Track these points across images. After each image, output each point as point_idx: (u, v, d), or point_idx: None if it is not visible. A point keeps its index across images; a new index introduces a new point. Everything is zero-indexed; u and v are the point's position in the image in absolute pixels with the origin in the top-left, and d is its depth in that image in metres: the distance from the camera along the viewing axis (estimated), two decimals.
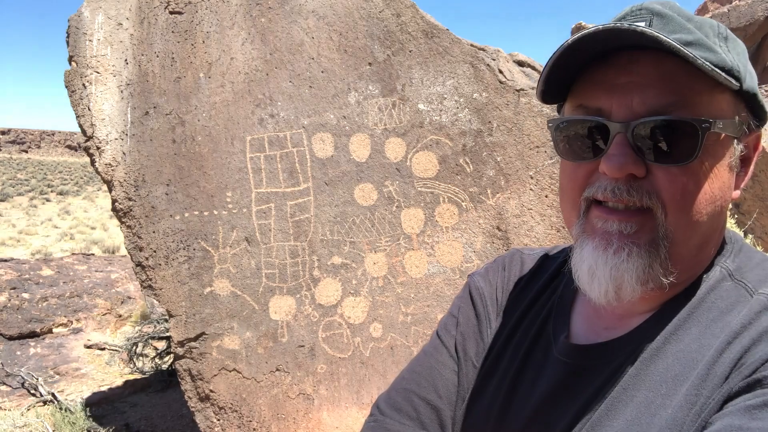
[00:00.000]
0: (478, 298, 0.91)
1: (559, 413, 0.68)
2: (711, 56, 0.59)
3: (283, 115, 3.06)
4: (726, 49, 0.62)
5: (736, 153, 0.65)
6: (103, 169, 3.00)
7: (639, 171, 0.63)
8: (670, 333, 0.64)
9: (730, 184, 0.66)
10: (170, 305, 2.98)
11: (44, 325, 6.32)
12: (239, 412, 2.97)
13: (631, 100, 0.62)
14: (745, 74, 0.62)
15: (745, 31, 6.20)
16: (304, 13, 3.09)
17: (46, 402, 4.75)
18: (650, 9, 0.63)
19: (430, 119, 3.09)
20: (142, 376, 5.57)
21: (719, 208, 0.64)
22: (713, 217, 0.64)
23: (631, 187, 0.63)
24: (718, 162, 0.63)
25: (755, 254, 0.70)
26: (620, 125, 0.62)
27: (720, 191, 0.63)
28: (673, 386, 0.60)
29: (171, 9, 3.08)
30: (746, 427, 0.52)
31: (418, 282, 3.06)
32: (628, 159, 0.62)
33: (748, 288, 0.64)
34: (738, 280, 0.65)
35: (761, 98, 0.64)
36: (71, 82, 3.04)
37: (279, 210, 3.04)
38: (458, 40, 3.13)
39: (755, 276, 0.65)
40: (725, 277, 0.66)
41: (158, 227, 2.98)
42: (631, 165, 0.63)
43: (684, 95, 0.60)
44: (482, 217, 3.08)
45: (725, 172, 0.64)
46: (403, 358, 3.03)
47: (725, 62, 0.60)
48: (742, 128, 0.64)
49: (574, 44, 0.62)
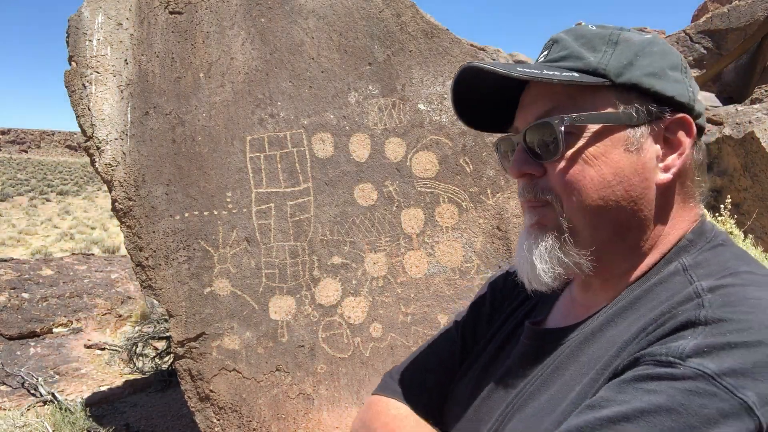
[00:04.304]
0: (498, 290, 0.99)
1: (510, 389, 0.76)
2: (577, 64, 0.70)
3: (283, 115, 3.06)
4: (609, 52, 0.70)
5: (635, 138, 0.68)
6: (103, 169, 3.00)
7: (535, 171, 0.73)
8: (609, 319, 0.68)
9: (637, 167, 0.69)
10: (170, 305, 2.98)
11: (44, 325, 6.32)
12: (239, 412, 2.97)
13: (527, 114, 0.74)
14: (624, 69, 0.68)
15: (745, 31, 6.19)
16: (304, 13, 3.09)
17: (46, 402, 4.75)
18: (554, 38, 0.75)
19: (430, 119, 3.09)
20: (142, 376, 5.57)
21: (622, 191, 0.68)
22: (618, 201, 0.68)
23: (531, 186, 0.74)
24: (601, 149, 0.69)
25: (727, 252, 0.68)
26: (518, 136, 0.75)
27: (615, 175, 0.68)
28: (592, 367, 0.64)
29: (171, 9, 3.08)
30: (612, 399, 0.55)
31: (418, 282, 3.06)
32: (522, 162, 0.73)
33: (692, 281, 0.64)
34: (688, 273, 0.66)
35: (659, 87, 0.68)
36: (71, 82, 3.04)
37: (279, 210, 3.04)
38: (458, 40, 3.13)
39: (706, 271, 0.65)
40: (678, 271, 0.67)
41: (158, 227, 2.98)
42: (526, 167, 0.73)
43: (559, 101, 0.71)
44: (482, 217, 3.08)
45: (620, 158, 0.68)
46: (402, 358, 3.03)
47: (590, 65, 0.69)
48: (632, 115, 0.68)
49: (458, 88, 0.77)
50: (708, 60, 6.45)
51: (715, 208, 2.46)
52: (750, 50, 6.70)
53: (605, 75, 0.69)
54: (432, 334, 3.16)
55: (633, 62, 0.69)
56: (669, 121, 0.69)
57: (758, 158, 2.85)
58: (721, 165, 3.10)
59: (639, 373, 0.56)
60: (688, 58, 6.51)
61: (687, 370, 0.52)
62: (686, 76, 0.72)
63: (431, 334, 3.07)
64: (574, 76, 0.68)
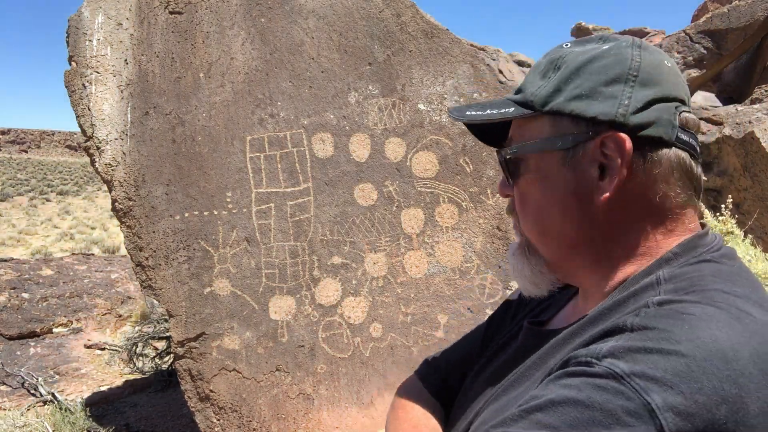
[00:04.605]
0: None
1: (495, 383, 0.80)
2: (518, 97, 0.76)
3: (283, 115, 3.06)
4: (551, 78, 0.73)
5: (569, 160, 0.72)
6: (103, 169, 3.00)
7: (509, 192, 0.81)
8: (580, 327, 0.69)
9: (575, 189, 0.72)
10: (170, 305, 2.98)
11: (44, 325, 6.32)
12: (239, 412, 2.97)
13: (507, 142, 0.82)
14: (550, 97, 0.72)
15: (745, 31, 6.19)
16: (304, 13, 3.09)
17: (46, 402, 4.75)
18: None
19: (430, 119, 3.09)
20: (142, 376, 5.57)
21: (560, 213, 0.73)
22: (560, 222, 0.73)
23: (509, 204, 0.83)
24: (543, 174, 0.74)
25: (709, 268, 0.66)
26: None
27: (553, 198, 0.73)
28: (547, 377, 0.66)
29: (171, 9, 3.07)
30: (535, 395, 0.59)
31: (418, 282, 3.06)
32: (502, 183, 0.83)
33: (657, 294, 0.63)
34: (660, 287, 0.65)
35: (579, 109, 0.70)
36: (71, 82, 3.04)
37: (279, 210, 3.04)
38: (458, 40, 3.13)
39: (676, 285, 0.64)
40: (653, 283, 0.66)
41: (158, 227, 2.98)
42: (504, 188, 0.82)
43: (514, 131, 0.79)
44: (482, 217, 3.08)
45: (557, 181, 0.73)
46: (403, 358, 3.03)
47: (525, 98, 0.75)
48: (565, 140, 0.71)
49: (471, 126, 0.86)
50: (708, 60, 6.45)
51: (716, 208, 2.46)
52: (750, 50, 6.70)
53: (532, 106, 0.74)
54: (432, 334, 3.17)
55: (561, 87, 0.72)
56: (598, 141, 0.70)
57: (758, 158, 2.85)
58: (721, 165, 3.10)
59: (561, 371, 0.59)
60: (687, 58, 6.52)
61: (600, 369, 0.54)
62: (631, 87, 0.70)
63: (431, 334, 3.07)
64: (509, 111, 0.74)
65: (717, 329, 0.53)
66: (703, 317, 0.54)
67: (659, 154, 0.69)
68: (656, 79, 0.70)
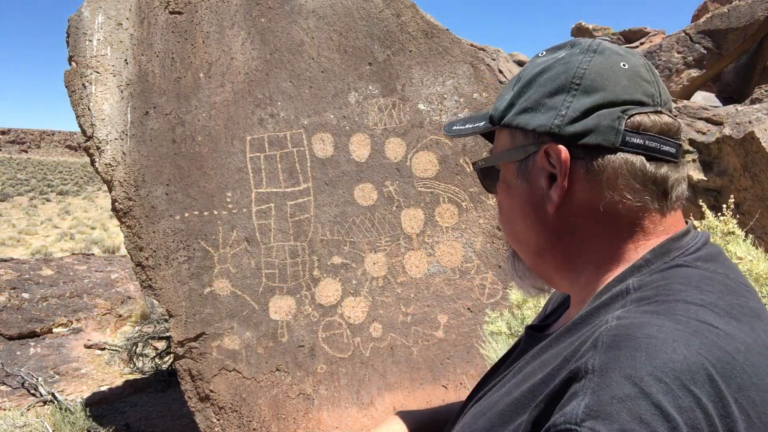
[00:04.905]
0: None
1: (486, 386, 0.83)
2: (488, 111, 0.79)
3: (283, 115, 3.06)
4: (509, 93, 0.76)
5: (523, 172, 0.75)
6: (103, 169, 3.00)
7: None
8: (557, 336, 0.69)
9: (530, 199, 0.74)
10: (170, 305, 2.98)
11: (44, 325, 6.32)
12: (239, 412, 2.97)
13: None
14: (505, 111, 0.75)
15: (744, 31, 6.20)
16: (304, 13, 3.09)
17: (46, 402, 4.75)
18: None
19: (430, 119, 3.09)
20: (142, 376, 5.57)
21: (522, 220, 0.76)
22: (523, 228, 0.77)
23: None
24: (507, 184, 0.78)
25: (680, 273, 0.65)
26: None
27: (515, 206, 0.77)
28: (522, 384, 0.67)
29: (171, 9, 3.07)
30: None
31: (418, 282, 3.05)
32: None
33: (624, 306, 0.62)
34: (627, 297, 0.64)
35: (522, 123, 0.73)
36: (71, 82, 3.04)
37: (279, 210, 3.04)
38: (458, 40, 3.13)
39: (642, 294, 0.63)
40: (622, 293, 0.65)
41: (158, 227, 2.98)
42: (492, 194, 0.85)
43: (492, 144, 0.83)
44: (482, 217, 3.08)
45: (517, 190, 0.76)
46: (403, 358, 3.03)
47: (490, 113, 0.78)
48: (518, 152, 0.74)
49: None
50: (708, 60, 6.45)
51: (716, 208, 2.45)
52: (750, 50, 6.71)
53: (492, 121, 0.77)
54: (432, 334, 3.16)
55: (515, 102, 0.75)
56: (542, 152, 0.72)
57: (758, 158, 2.85)
58: (721, 165, 3.09)
59: None
60: (687, 58, 6.52)
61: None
62: (573, 96, 0.69)
63: (431, 334, 3.07)
64: (479, 126, 0.80)
65: (672, 351, 0.52)
66: (658, 338, 0.54)
67: (603, 161, 0.68)
68: (601, 84, 0.68)
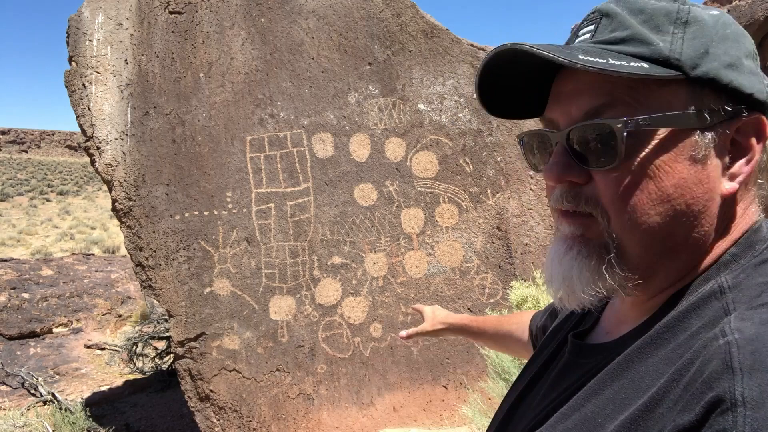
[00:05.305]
0: None
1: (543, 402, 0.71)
2: (642, 50, 0.58)
3: (283, 115, 3.06)
4: (679, 35, 0.59)
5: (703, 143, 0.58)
6: (103, 169, 3.00)
7: (578, 178, 0.62)
8: (638, 350, 0.60)
9: (702, 178, 0.59)
10: (170, 305, 2.98)
11: (44, 325, 6.32)
12: (239, 412, 2.97)
13: (570, 107, 0.62)
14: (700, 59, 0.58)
15: None
16: (304, 13, 3.09)
17: (46, 402, 4.75)
18: (601, 10, 0.62)
19: (430, 119, 3.09)
20: (142, 376, 5.57)
21: (683, 206, 0.59)
22: (676, 217, 0.59)
23: (572, 194, 0.63)
24: (666, 158, 0.59)
25: None
26: (558, 134, 0.63)
27: (676, 188, 0.59)
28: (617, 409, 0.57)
29: (171, 9, 3.07)
30: None
31: (418, 282, 3.06)
32: (563, 167, 0.62)
33: (727, 310, 0.54)
34: (725, 299, 0.56)
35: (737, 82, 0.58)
36: (71, 82, 3.04)
37: (279, 210, 3.04)
38: (458, 40, 3.13)
39: (742, 295, 0.55)
40: (715, 293, 0.57)
41: (158, 227, 2.98)
42: (567, 173, 0.62)
43: (616, 95, 0.59)
44: (482, 217, 3.08)
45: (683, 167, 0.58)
46: (403, 358, 3.03)
47: (659, 53, 0.57)
48: (705, 117, 0.58)
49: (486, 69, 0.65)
50: None
51: None
52: None
53: (679, 66, 0.57)
54: None
55: (708, 50, 0.58)
56: (742, 123, 0.58)
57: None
58: None
59: None
60: None
61: None
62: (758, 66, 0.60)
63: None
64: (643, 66, 0.56)
65: None
66: None
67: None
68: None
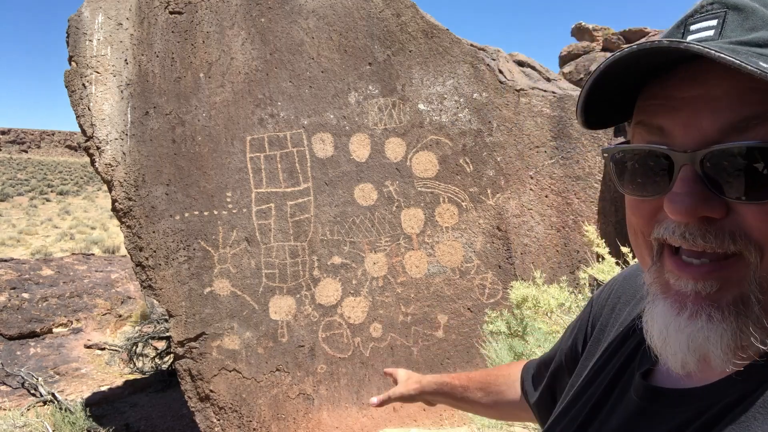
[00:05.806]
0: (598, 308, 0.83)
1: None
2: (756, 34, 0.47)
3: (283, 115, 3.07)
4: None
5: None
6: (103, 169, 3.00)
7: (715, 212, 0.49)
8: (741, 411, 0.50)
9: None
10: (170, 305, 2.98)
11: (44, 325, 6.32)
12: (239, 412, 2.97)
13: (699, 118, 0.49)
14: None
15: None
16: (304, 13, 3.09)
17: (46, 402, 4.75)
18: (726, 2, 0.50)
19: (430, 119, 3.09)
20: (142, 376, 5.58)
21: None
22: None
23: (707, 230, 0.49)
24: None
25: None
26: (686, 155, 0.49)
27: None
28: None
29: (171, 9, 3.08)
30: None
31: (418, 282, 3.06)
32: (697, 199, 0.48)
33: None
34: None
35: None
36: (71, 82, 3.04)
37: (279, 210, 3.04)
38: (458, 40, 3.13)
39: None
40: None
41: (158, 227, 2.98)
42: (703, 206, 0.48)
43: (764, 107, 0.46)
44: (482, 217, 3.08)
45: None
46: (403, 358, 3.03)
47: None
48: None
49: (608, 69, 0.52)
50: None
51: None
52: None
53: None
54: (432, 334, 3.16)
55: None
56: None
57: None
58: None
59: None
60: None
61: None
62: None
63: (431, 334, 3.07)
64: None
65: None
66: None
67: None
68: None
